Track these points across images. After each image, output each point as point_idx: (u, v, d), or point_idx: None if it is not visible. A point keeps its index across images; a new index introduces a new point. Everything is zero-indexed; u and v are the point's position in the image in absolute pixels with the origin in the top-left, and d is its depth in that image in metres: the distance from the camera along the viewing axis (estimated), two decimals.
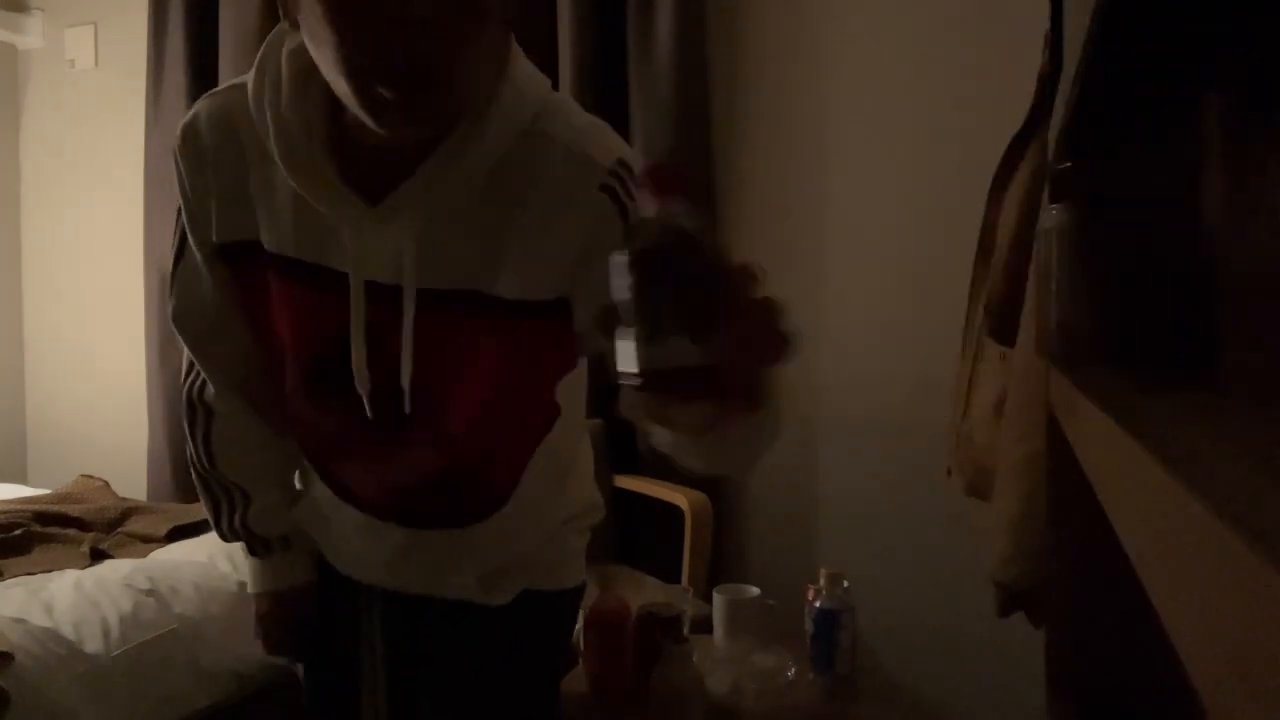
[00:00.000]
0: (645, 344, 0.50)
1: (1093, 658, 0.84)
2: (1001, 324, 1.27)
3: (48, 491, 2.47)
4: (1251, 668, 0.19)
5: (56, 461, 3.15)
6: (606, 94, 2.26)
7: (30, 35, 3.18)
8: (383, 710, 1.10)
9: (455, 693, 1.08)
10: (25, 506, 2.18)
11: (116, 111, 3.04)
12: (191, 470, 1.08)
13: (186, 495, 2.65)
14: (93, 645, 1.58)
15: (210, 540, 2.04)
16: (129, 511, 2.24)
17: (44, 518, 2.13)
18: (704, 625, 1.60)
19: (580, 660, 1.48)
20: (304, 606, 1.11)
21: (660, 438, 0.65)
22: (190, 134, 0.89)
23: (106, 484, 2.50)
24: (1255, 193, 0.57)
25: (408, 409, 0.89)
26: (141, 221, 2.85)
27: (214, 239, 0.90)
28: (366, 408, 0.90)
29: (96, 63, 3.12)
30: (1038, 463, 0.95)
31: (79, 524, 2.14)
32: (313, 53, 0.77)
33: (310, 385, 0.93)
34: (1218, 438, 0.39)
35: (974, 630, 1.93)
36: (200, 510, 2.23)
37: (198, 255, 0.93)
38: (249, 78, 0.86)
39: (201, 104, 0.90)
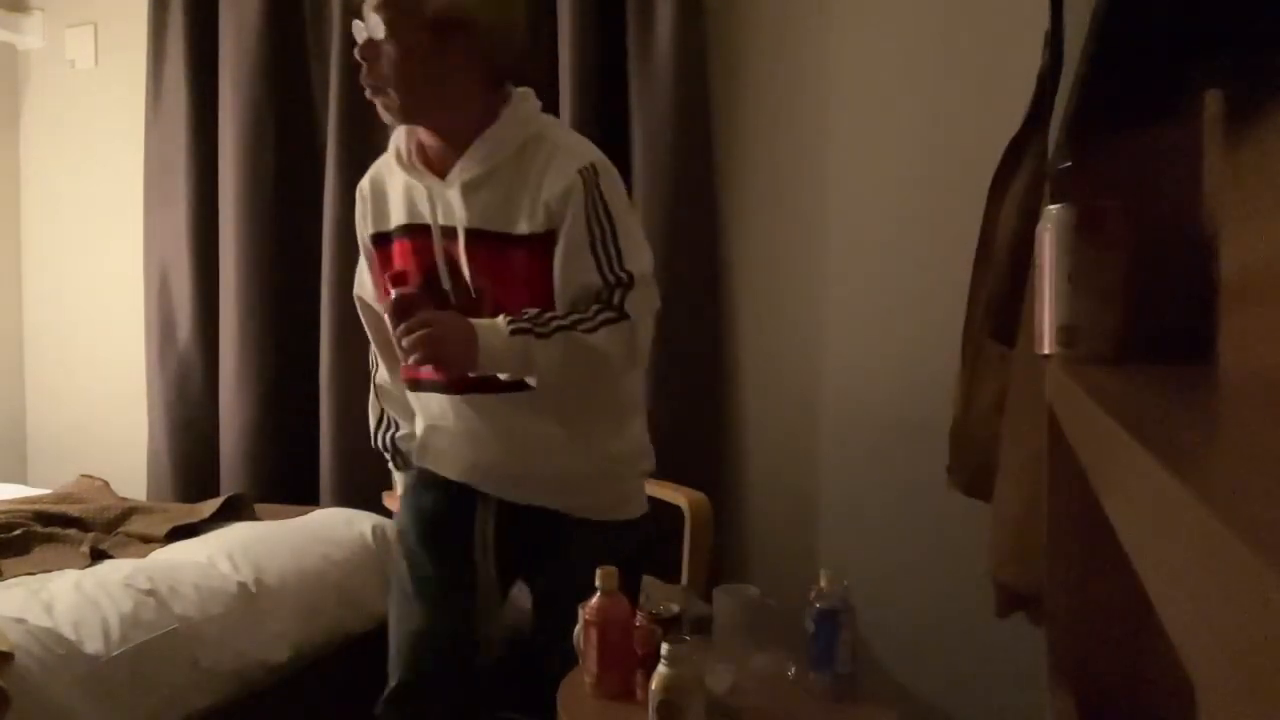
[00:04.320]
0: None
1: (1093, 658, 0.85)
2: (1001, 324, 1.27)
3: (48, 491, 2.47)
4: (1251, 668, 0.19)
5: (56, 461, 3.15)
6: (607, 94, 2.26)
7: (30, 35, 3.18)
8: (493, 582, 1.60)
9: (545, 585, 1.63)
10: (25, 506, 2.18)
11: (116, 111, 3.04)
12: (370, 405, 1.74)
13: (186, 495, 2.65)
14: (93, 645, 1.58)
15: (210, 540, 2.04)
16: (129, 511, 2.24)
17: (44, 518, 2.13)
18: (704, 625, 1.60)
19: (580, 660, 1.49)
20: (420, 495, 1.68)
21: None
22: (361, 189, 1.63)
23: (106, 484, 2.50)
24: (1255, 191, 0.57)
25: (474, 294, 1.47)
26: (141, 221, 2.85)
27: (370, 231, 1.60)
28: (452, 297, 1.49)
29: (96, 63, 3.11)
30: (1038, 463, 0.95)
31: (79, 524, 2.14)
32: None
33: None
34: (1218, 437, 0.39)
35: (974, 630, 1.93)
36: (200, 510, 2.24)
37: (364, 251, 1.64)
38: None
39: (368, 175, 1.63)
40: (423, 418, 1.61)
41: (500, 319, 1.40)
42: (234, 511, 2.24)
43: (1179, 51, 0.60)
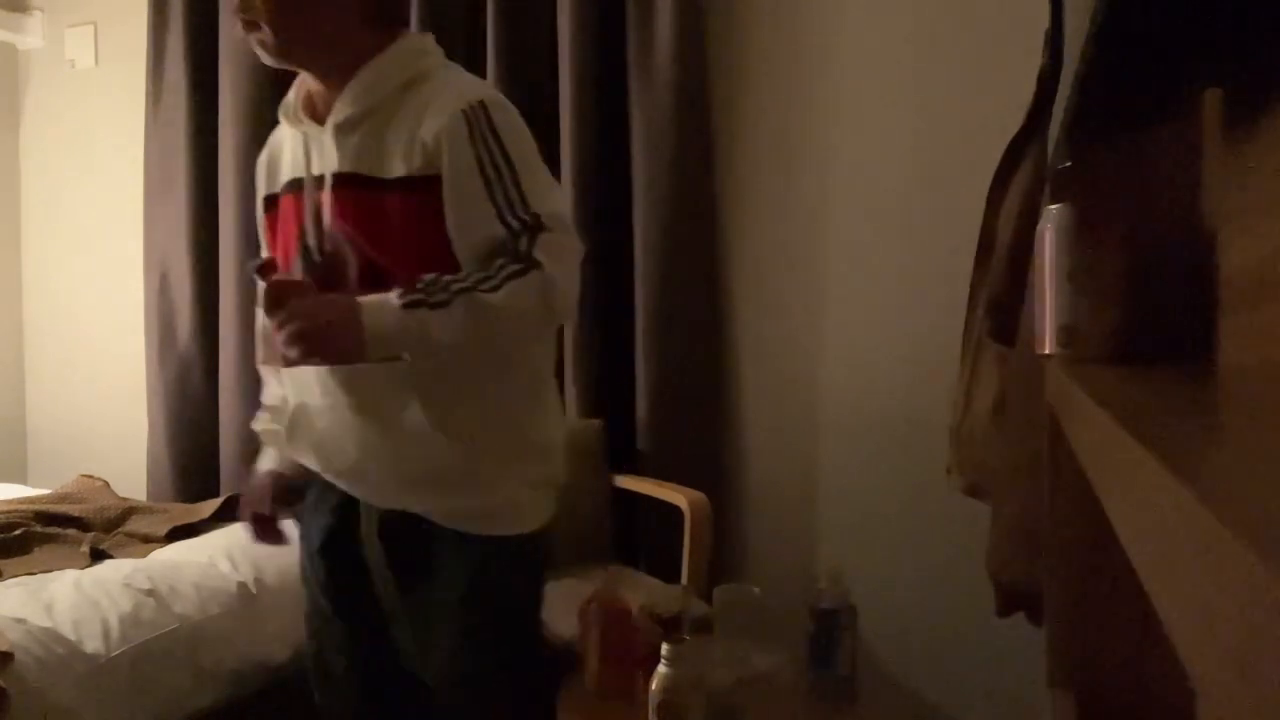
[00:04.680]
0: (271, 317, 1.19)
1: (1093, 657, 0.84)
2: (1001, 324, 1.27)
3: (48, 491, 2.47)
4: (1251, 668, 0.19)
5: (56, 461, 3.15)
6: (606, 95, 2.26)
7: (30, 35, 3.18)
8: (397, 607, 1.36)
9: (436, 613, 1.34)
10: (25, 506, 2.18)
11: (116, 111, 3.04)
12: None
13: (186, 495, 2.65)
14: (93, 645, 1.58)
15: (210, 540, 2.04)
16: (129, 511, 2.24)
17: (44, 518, 2.13)
18: (704, 625, 1.60)
19: (580, 660, 1.48)
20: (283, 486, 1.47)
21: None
22: (259, 162, 1.48)
23: (106, 484, 2.50)
24: (1255, 191, 0.57)
25: (328, 224, 1.31)
26: (141, 221, 2.85)
27: (263, 194, 1.45)
28: (316, 254, 1.33)
29: (96, 63, 3.12)
30: (1038, 463, 0.95)
31: (79, 524, 2.14)
32: None
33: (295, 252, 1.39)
34: (1217, 437, 0.39)
35: (974, 630, 1.93)
36: (200, 510, 2.24)
37: (260, 215, 1.47)
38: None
39: (265, 146, 1.49)
40: (294, 395, 1.40)
41: (392, 293, 1.19)
42: (234, 511, 2.24)
43: (1179, 51, 0.60)
